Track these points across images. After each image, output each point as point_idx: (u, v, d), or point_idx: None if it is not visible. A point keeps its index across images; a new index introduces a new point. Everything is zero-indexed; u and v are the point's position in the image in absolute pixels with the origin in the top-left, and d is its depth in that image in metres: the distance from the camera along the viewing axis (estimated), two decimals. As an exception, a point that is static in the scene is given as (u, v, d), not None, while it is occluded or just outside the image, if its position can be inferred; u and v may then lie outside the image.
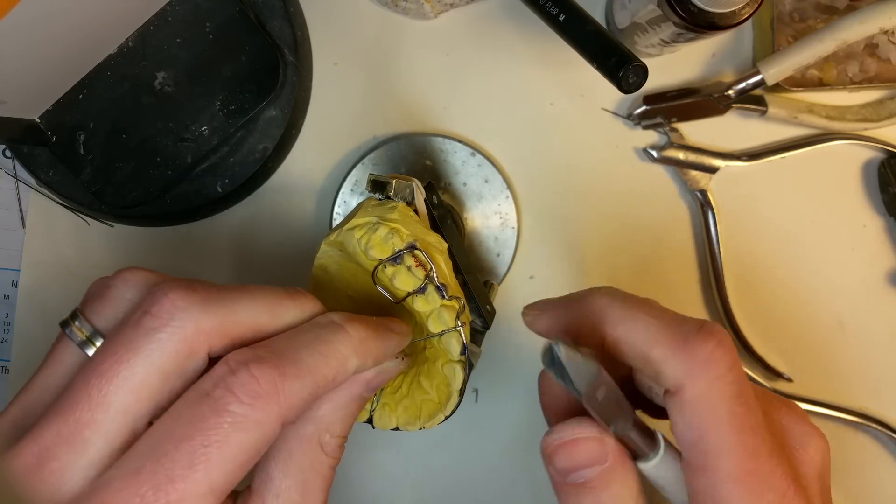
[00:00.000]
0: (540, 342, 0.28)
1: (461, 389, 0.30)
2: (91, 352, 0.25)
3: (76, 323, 0.26)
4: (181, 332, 0.23)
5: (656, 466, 0.25)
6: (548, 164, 0.42)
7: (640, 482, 0.26)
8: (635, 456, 0.25)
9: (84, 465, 0.22)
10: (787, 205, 0.42)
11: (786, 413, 0.26)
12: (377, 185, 0.32)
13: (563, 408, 0.28)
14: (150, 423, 0.23)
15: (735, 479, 0.23)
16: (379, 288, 0.30)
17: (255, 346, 0.24)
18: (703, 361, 0.23)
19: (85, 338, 0.25)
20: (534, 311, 0.29)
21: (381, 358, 0.27)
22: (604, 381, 0.24)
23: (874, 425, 0.42)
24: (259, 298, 0.26)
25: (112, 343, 0.23)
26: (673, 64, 0.41)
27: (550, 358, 0.23)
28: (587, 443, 0.25)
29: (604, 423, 0.24)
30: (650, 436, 0.25)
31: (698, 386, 0.23)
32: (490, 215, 0.41)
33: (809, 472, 0.25)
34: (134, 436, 0.23)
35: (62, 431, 0.22)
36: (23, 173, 0.40)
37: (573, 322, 0.27)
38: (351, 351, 0.25)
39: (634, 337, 0.25)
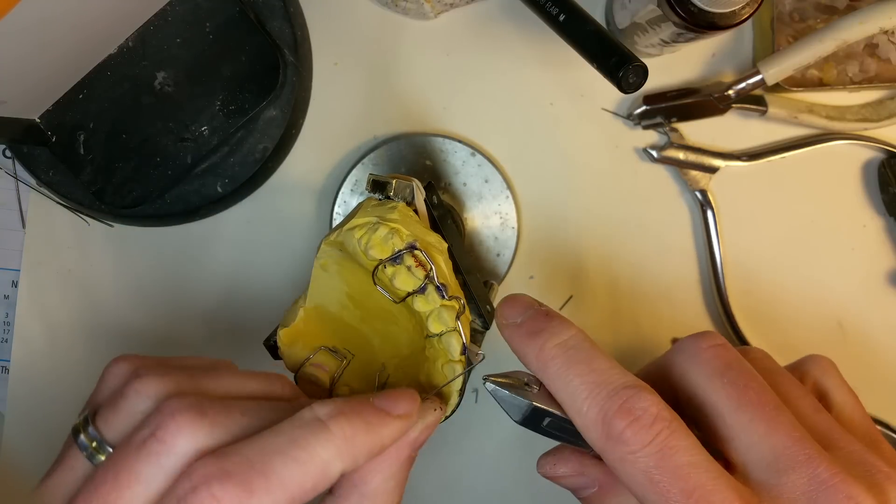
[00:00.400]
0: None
1: (461, 389, 0.30)
2: (99, 461, 0.25)
3: (88, 430, 0.25)
4: (185, 458, 0.23)
5: None
6: (548, 164, 0.42)
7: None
8: None
9: None
10: (787, 205, 0.42)
11: (823, 466, 0.25)
12: (377, 185, 0.32)
13: None
14: None
15: None
16: (379, 288, 0.30)
17: (223, 453, 0.23)
18: (614, 439, 0.25)
19: (93, 448, 0.25)
20: (509, 316, 0.29)
21: (377, 451, 0.25)
22: (545, 413, 0.26)
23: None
24: (268, 416, 0.25)
25: (116, 463, 0.23)
26: (673, 64, 0.41)
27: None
28: (570, 479, 0.29)
29: (576, 445, 0.26)
30: None
31: (611, 461, 0.25)
32: (490, 215, 0.41)
33: None
34: None
35: None
36: (23, 173, 0.40)
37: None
38: (333, 454, 0.23)
39: (563, 401, 0.26)
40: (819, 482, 0.25)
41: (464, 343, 0.29)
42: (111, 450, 0.25)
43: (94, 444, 0.25)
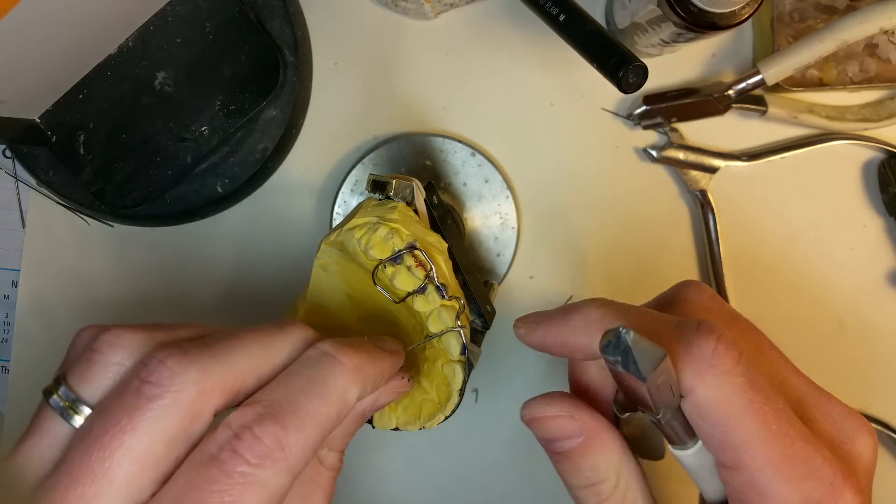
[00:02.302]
0: (537, 353, 0.28)
1: (461, 389, 0.30)
2: (77, 422, 0.23)
3: (60, 389, 0.24)
4: (184, 395, 0.22)
5: (691, 456, 0.25)
6: (548, 164, 0.42)
7: (623, 453, 0.27)
8: (672, 441, 0.26)
9: None
10: (787, 205, 0.42)
11: (836, 405, 0.26)
12: (377, 185, 0.32)
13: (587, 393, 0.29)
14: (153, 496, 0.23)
15: (772, 466, 0.23)
16: (379, 288, 0.30)
17: (251, 402, 0.23)
18: (708, 362, 0.23)
19: (67, 407, 0.24)
20: (527, 325, 0.29)
21: (379, 382, 0.27)
22: (666, 367, 0.23)
23: (874, 425, 0.42)
24: (251, 342, 0.25)
25: (112, 412, 0.22)
26: (673, 64, 0.41)
27: (615, 345, 0.21)
28: (558, 420, 0.27)
29: (654, 408, 0.24)
30: (689, 427, 0.25)
31: (709, 386, 0.23)
32: (490, 215, 0.41)
33: (859, 464, 0.25)
34: None
35: None
36: (23, 173, 0.40)
37: (570, 335, 0.27)
38: (348, 381, 0.25)
39: None
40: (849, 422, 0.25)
41: (464, 343, 0.29)
42: (88, 409, 0.24)
43: (68, 402, 0.24)
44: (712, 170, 0.41)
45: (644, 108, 0.41)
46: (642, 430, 0.30)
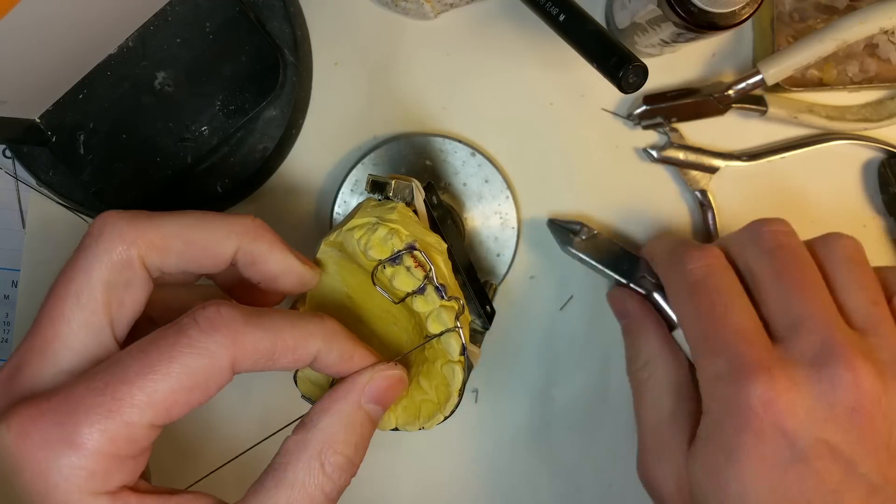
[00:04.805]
0: (537, 353, 0.28)
1: (460, 390, 0.30)
2: None
3: None
4: (108, 242, 0.28)
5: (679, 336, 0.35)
6: (548, 164, 0.42)
7: (662, 345, 0.36)
8: (671, 327, 0.36)
9: (55, 372, 0.26)
10: (787, 205, 0.42)
11: (823, 342, 0.30)
12: (376, 186, 0.32)
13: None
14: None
15: (694, 344, 0.32)
16: (378, 288, 0.30)
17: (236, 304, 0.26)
18: (677, 262, 0.35)
19: None
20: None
21: (346, 355, 0.28)
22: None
23: (874, 425, 0.42)
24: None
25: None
26: (673, 64, 0.41)
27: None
28: (614, 300, 0.39)
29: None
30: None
31: (664, 275, 0.36)
32: (490, 215, 0.41)
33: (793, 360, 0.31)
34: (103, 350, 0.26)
35: (34, 345, 0.26)
36: (23, 173, 0.40)
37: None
38: (318, 330, 0.27)
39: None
40: (829, 347, 0.28)
41: (463, 343, 0.29)
42: None
43: None
44: (712, 170, 0.41)
45: (644, 108, 0.41)
46: None
